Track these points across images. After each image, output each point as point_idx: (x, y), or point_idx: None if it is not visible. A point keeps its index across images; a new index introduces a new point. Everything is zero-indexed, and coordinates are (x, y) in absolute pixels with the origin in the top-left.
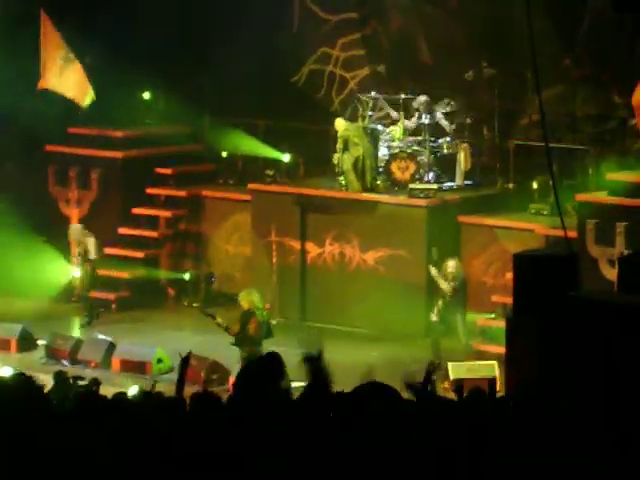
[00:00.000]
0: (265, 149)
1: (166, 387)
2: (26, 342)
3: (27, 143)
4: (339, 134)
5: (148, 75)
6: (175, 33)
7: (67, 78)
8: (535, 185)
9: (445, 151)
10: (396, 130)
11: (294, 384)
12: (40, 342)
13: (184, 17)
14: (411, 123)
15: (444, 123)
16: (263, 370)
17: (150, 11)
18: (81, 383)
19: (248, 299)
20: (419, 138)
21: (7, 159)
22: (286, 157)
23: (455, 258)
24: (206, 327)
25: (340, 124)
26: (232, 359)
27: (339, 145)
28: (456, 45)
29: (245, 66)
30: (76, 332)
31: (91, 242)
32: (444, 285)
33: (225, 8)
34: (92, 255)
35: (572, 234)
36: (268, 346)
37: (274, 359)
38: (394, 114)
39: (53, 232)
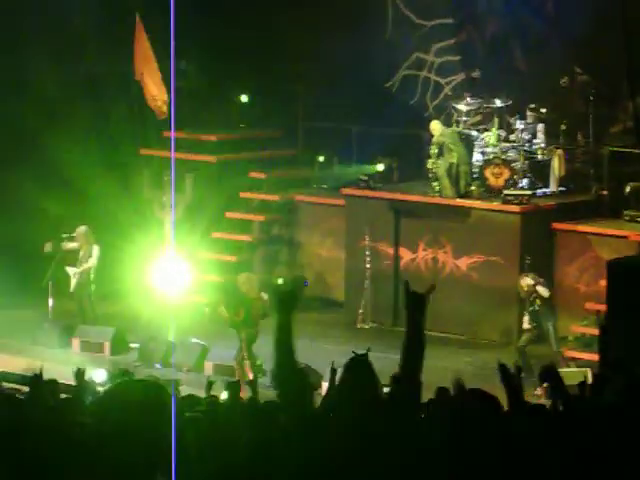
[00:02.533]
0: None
1: (260, 391)
2: (119, 345)
3: (121, 146)
4: (434, 139)
5: (242, 79)
6: (268, 37)
7: (151, 88)
8: (628, 191)
9: (539, 157)
10: (490, 136)
11: (386, 390)
12: (133, 345)
13: (277, 22)
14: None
15: (539, 127)
16: (361, 377)
17: (244, 16)
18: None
19: (249, 284)
20: (513, 144)
21: (102, 162)
22: (380, 167)
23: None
24: (299, 332)
25: (436, 128)
26: (324, 363)
27: (433, 150)
28: (551, 51)
29: (339, 71)
30: (170, 336)
31: (96, 249)
32: (545, 292)
33: (318, 13)
34: (93, 261)
35: None
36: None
37: (366, 364)
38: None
39: (147, 236)
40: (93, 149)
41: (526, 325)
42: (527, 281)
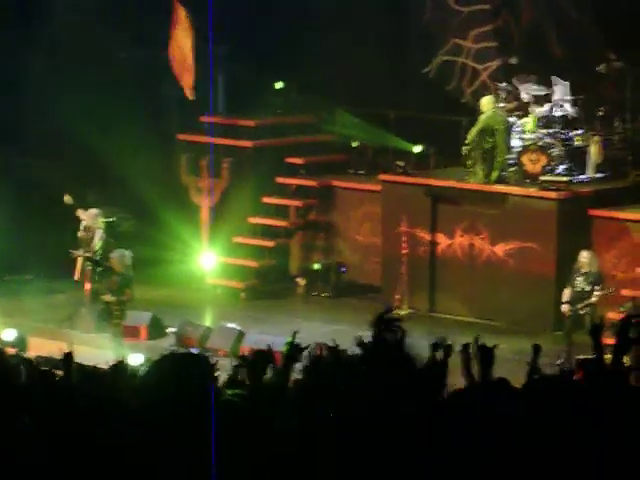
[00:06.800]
0: (396, 140)
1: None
2: (156, 329)
3: (159, 131)
4: (483, 117)
5: (280, 64)
6: (305, 24)
7: (185, 68)
8: None
9: (577, 143)
10: (528, 122)
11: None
12: (170, 330)
13: (314, 7)
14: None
15: (570, 110)
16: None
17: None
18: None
19: (122, 262)
20: (551, 130)
21: (139, 148)
22: (417, 148)
23: (588, 250)
24: (336, 317)
25: (486, 106)
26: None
27: (477, 127)
28: (586, 37)
29: (376, 57)
30: (206, 321)
31: (98, 234)
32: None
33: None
34: (95, 247)
35: None
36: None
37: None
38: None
39: (184, 221)
40: (130, 134)
41: (566, 311)
42: (588, 256)
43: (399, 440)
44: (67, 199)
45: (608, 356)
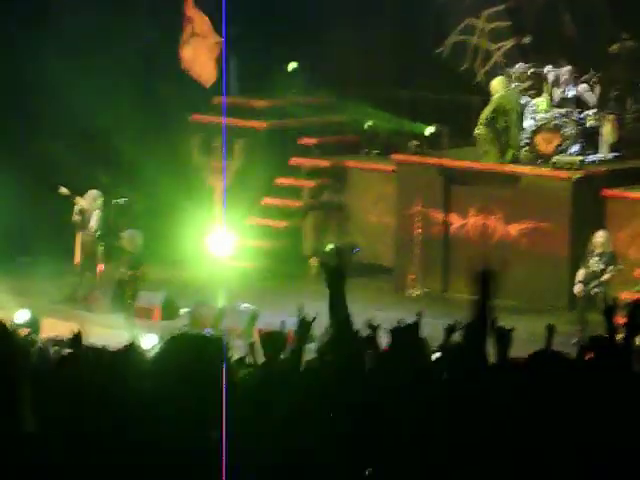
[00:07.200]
0: (409, 122)
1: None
2: (169, 310)
3: (171, 112)
4: (494, 99)
5: (293, 45)
6: (317, 5)
7: (198, 54)
8: None
9: (590, 123)
10: (542, 102)
11: (435, 355)
12: (183, 310)
13: None
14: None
15: (588, 95)
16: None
17: None
18: None
19: (133, 242)
20: (564, 110)
21: (151, 129)
22: (429, 130)
23: (603, 230)
24: (348, 298)
25: (497, 87)
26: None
27: (489, 110)
28: (600, 17)
29: (389, 37)
30: (220, 301)
31: (96, 215)
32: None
33: None
34: (94, 229)
35: None
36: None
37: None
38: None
39: (196, 202)
40: (142, 115)
41: (578, 291)
42: (603, 235)
43: (411, 423)
44: (62, 191)
45: (620, 336)
